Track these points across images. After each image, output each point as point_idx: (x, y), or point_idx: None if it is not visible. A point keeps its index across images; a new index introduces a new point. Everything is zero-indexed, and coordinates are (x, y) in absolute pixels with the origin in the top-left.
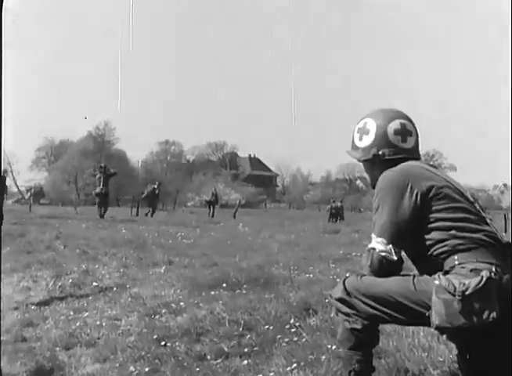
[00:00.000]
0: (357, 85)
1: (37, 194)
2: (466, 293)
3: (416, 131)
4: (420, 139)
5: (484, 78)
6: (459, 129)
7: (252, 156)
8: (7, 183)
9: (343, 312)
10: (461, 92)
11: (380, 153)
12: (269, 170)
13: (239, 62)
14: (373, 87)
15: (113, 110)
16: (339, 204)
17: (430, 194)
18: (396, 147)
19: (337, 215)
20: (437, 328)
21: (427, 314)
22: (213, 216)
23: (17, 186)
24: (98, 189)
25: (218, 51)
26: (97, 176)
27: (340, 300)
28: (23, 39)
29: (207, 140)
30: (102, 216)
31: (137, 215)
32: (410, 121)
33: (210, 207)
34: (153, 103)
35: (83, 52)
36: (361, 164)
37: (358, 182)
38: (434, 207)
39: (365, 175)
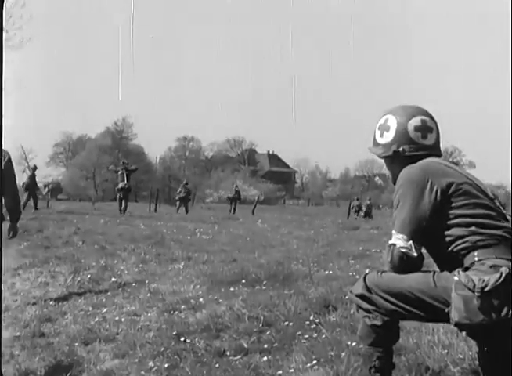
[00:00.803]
0: (374, 83)
1: (55, 190)
2: (486, 289)
3: (437, 127)
4: (440, 135)
5: (506, 75)
6: (478, 126)
7: (270, 152)
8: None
9: (363, 309)
10: (480, 89)
11: (401, 149)
12: (288, 166)
13: (252, 57)
14: (389, 84)
15: (133, 106)
16: (368, 201)
17: (450, 191)
18: (416, 144)
19: (366, 213)
20: (456, 325)
21: (446, 310)
22: (234, 212)
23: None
24: (121, 185)
25: (236, 42)
26: (119, 172)
27: (360, 296)
28: (38, 38)
29: (226, 136)
30: (124, 211)
31: (155, 211)
32: (431, 117)
33: (231, 204)
34: (170, 100)
35: (95, 49)
36: (380, 160)
37: (376, 178)
38: (453, 204)
39: (384, 171)
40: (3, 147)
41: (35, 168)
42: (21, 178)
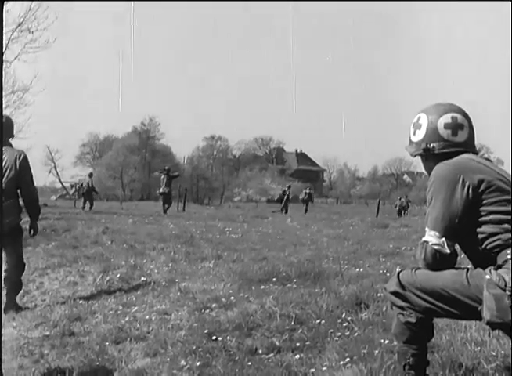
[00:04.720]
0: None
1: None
2: None
3: (469, 124)
4: (474, 132)
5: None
6: (506, 123)
7: (298, 151)
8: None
9: (397, 306)
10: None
11: (431, 147)
12: (316, 165)
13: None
14: (415, 85)
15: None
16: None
17: (482, 187)
18: (447, 141)
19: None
20: (488, 323)
21: (479, 309)
22: (305, 212)
23: (61, 182)
24: (161, 189)
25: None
26: (161, 177)
27: (394, 293)
28: (63, 38)
29: (254, 135)
30: (165, 212)
31: (183, 210)
32: (464, 114)
33: (304, 205)
34: (197, 98)
35: (121, 48)
36: (408, 158)
37: (405, 176)
38: (485, 201)
39: (413, 169)
40: (29, 147)
41: (91, 174)
42: (47, 178)
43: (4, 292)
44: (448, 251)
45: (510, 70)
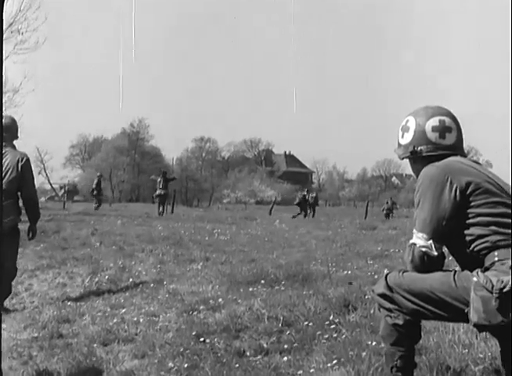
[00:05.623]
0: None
1: (71, 191)
2: (504, 290)
3: (457, 127)
4: (463, 135)
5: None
6: (494, 126)
7: (287, 153)
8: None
9: (385, 308)
10: (497, 88)
11: (418, 150)
12: (305, 167)
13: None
14: (404, 86)
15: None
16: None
17: (469, 189)
18: (434, 144)
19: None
20: (475, 325)
21: (466, 311)
22: (313, 216)
23: (50, 184)
24: (158, 192)
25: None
26: (158, 180)
27: (382, 295)
28: (53, 39)
29: (243, 137)
30: (161, 214)
31: (172, 212)
32: (452, 117)
33: (310, 208)
34: (187, 102)
35: (112, 49)
36: (397, 160)
37: (393, 178)
38: (473, 203)
39: (401, 171)
40: (21, 148)
41: (101, 175)
42: (37, 180)
43: None
44: (435, 254)
45: (510, 71)
